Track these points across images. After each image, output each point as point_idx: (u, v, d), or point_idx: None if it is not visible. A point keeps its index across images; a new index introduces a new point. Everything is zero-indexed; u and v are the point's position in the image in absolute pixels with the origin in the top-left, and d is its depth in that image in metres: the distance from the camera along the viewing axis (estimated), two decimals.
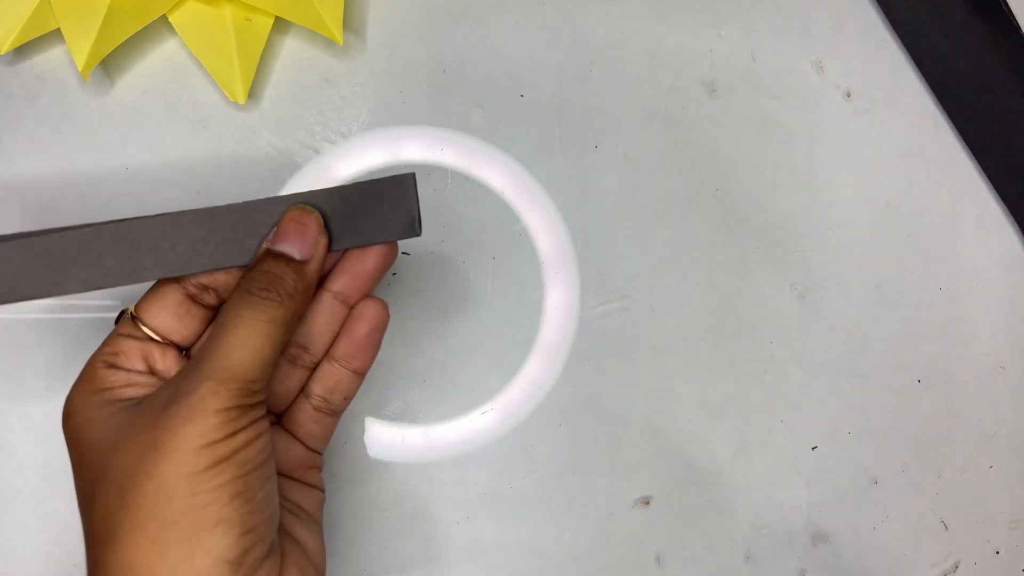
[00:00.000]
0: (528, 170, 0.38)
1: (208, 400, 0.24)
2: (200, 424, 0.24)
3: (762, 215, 0.39)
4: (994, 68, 0.40)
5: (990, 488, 0.39)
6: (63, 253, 0.27)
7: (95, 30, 0.34)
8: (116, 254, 0.27)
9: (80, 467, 0.26)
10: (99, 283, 0.27)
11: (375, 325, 0.30)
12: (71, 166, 0.37)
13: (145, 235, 0.27)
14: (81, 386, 0.27)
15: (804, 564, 0.38)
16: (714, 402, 0.38)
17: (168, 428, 0.24)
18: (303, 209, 0.28)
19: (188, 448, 0.24)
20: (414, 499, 0.37)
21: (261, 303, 0.26)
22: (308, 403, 0.31)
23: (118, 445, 0.25)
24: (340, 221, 0.29)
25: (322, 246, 0.28)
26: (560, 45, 0.39)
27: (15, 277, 0.26)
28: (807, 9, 0.40)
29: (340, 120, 0.38)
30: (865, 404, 0.39)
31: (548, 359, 0.38)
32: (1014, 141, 0.40)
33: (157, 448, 0.24)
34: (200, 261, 0.28)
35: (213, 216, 0.28)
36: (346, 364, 0.30)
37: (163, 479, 0.24)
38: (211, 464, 0.24)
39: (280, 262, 0.27)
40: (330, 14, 0.35)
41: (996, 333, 0.40)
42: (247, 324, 0.26)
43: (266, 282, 0.27)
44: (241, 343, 0.25)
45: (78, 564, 0.35)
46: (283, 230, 0.28)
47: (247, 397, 0.25)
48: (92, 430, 0.26)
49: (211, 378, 0.25)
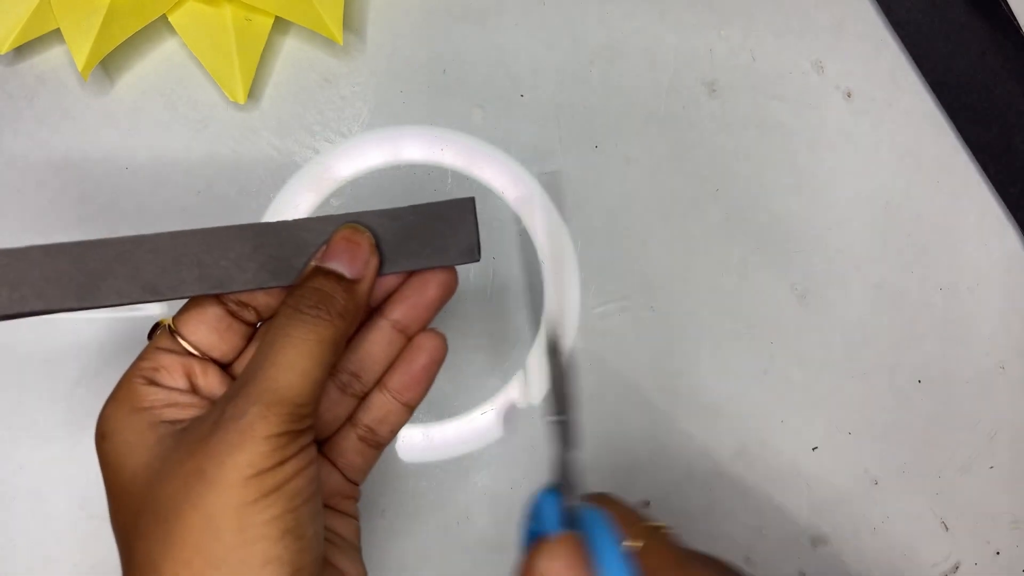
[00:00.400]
0: (528, 170, 0.38)
1: (257, 425, 0.23)
2: (249, 451, 0.23)
3: (762, 215, 0.39)
4: (994, 68, 0.40)
5: (990, 488, 0.39)
6: (99, 262, 0.25)
7: (95, 30, 0.34)
8: (156, 266, 0.25)
9: (120, 494, 0.24)
10: (136, 296, 0.25)
11: (434, 358, 0.29)
12: (71, 166, 0.37)
13: (188, 248, 0.26)
14: (119, 404, 0.25)
15: (804, 566, 0.38)
16: (714, 402, 0.38)
17: (215, 455, 0.23)
18: (354, 228, 0.27)
19: (237, 477, 0.22)
20: (414, 499, 0.37)
21: (311, 321, 0.25)
22: (354, 432, 0.29)
23: (162, 473, 0.23)
24: (393, 243, 0.27)
25: (373, 266, 0.27)
26: (560, 45, 0.39)
27: (46, 283, 0.25)
28: (807, 9, 0.40)
29: (340, 120, 0.38)
30: (865, 404, 0.39)
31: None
32: (1014, 141, 0.40)
33: (203, 477, 0.22)
34: (244, 278, 0.26)
35: (260, 232, 0.26)
36: (398, 396, 0.29)
37: (210, 511, 0.22)
38: (261, 495, 0.22)
39: (330, 280, 0.26)
40: (330, 14, 0.35)
41: (996, 333, 0.40)
42: (296, 344, 0.24)
43: (316, 299, 0.25)
44: (290, 365, 0.24)
45: (78, 564, 0.35)
46: (333, 248, 0.26)
47: (296, 422, 0.24)
48: (134, 456, 0.24)
49: (259, 402, 0.23)
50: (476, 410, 0.37)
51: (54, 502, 0.36)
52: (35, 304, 0.25)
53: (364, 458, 0.29)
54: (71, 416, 0.36)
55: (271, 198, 0.37)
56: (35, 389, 0.36)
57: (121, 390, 0.26)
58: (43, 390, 0.36)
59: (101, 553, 0.36)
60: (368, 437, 0.29)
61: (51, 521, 0.36)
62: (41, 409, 0.36)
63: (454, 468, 0.37)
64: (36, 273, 0.25)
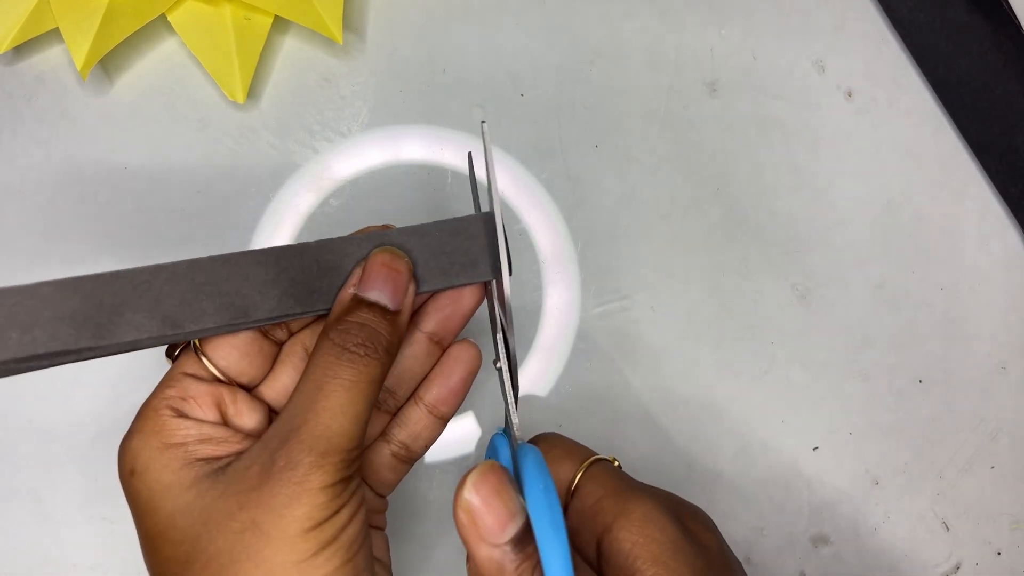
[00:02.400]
0: (528, 170, 0.38)
1: (312, 477, 0.22)
2: (306, 504, 0.22)
3: (763, 215, 0.39)
4: (995, 67, 0.40)
5: (992, 489, 0.39)
6: (115, 296, 0.23)
7: (94, 29, 0.34)
8: (175, 297, 0.24)
9: (158, 538, 0.23)
10: (155, 331, 0.24)
11: (471, 370, 0.28)
12: (70, 166, 0.37)
13: (207, 276, 0.24)
14: (147, 438, 0.24)
15: (805, 566, 0.38)
16: (715, 403, 0.38)
17: (271, 508, 0.22)
18: (393, 253, 0.25)
19: (295, 531, 0.22)
20: (414, 499, 0.37)
21: (360, 361, 0.23)
22: (387, 448, 0.28)
23: (211, 523, 0.22)
24: (422, 262, 0.26)
25: (412, 294, 0.25)
26: (560, 45, 0.39)
27: (59, 322, 0.23)
28: (808, 8, 0.40)
29: (340, 120, 0.38)
30: (866, 405, 0.39)
31: (548, 359, 0.37)
32: (1015, 140, 0.39)
33: (260, 531, 0.22)
34: (268, 305, 0.25)
35: (280, 256, 0.25)
36: (433, 409, 0.28)
37: (269, 567, 0.22)
38: (320, 547, 0.22)
39: (375, 312, 0.24)
40: (330, 13, 0.35)
41: (997, 333, 0.40)
42: (348, 388, 0.23)
43: (363, 337, 0.24)
44: (342, 410, 0.23)
45: (77, 564, 0.35)
46: (373, 275, 0.25)
47: (349, 468, 0.23)
48: (170, 497, 0.23)
49: (313, 451, 0.22)
50: (476, 410, 0.37)
51: (54, 502, 0.35)
52: (49, 345, 0.23)
53: (396, 474, 0.29)
54: (70, 415, 0.36)
55: (270, 198, 0.37)
56: (34, 388, 0.36)
57: (148, 421, 0.24)
58: (42, 389, 0.36)
59: (101, 554, 0.36)
60: (402, 454, 0.29)
61: (51, 521, 0.35)
62: (41, 409, 0.36)
63: (454, 468, 0.37)
64: (47, 312, 0.23)
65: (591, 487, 0.26)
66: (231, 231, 0.37)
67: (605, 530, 0.25)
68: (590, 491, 0.26)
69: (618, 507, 0.25)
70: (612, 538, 0.24)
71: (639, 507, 0.24)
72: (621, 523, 0.24)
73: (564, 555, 0.21)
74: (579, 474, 0.26)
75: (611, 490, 0.25)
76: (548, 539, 0.21)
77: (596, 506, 0.25)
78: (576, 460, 0.27)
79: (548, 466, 0.26)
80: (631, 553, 0.24)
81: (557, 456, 0.27)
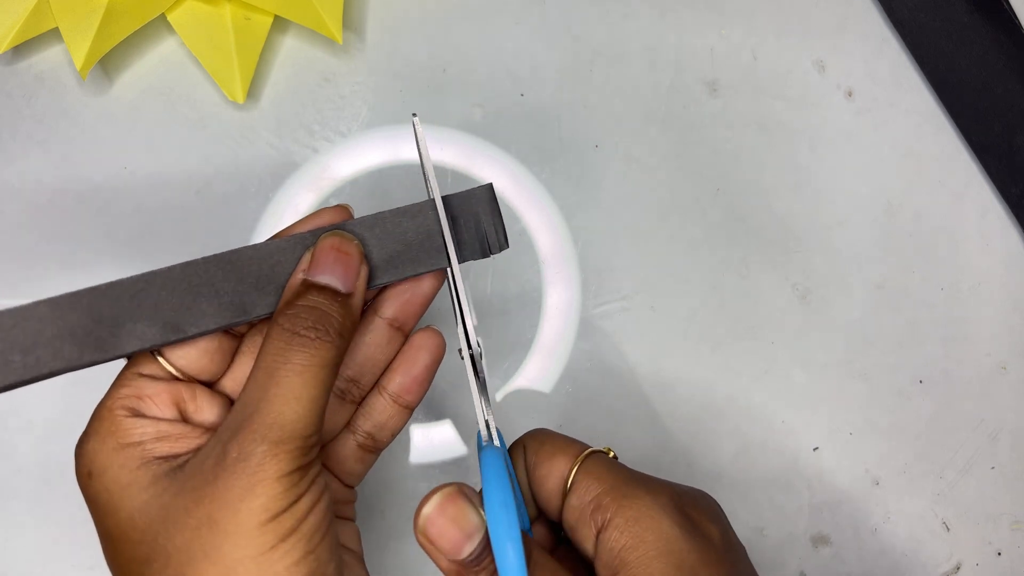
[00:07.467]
0: (528, 170, 0.38)
1: (267, 466, 0.21)
2: (262, 495, 0.21)
3: (763, 215, 0.39)
4: (996, 67, 0.39)
5: (992, 489, 0.39)
6: (114, 307, 0.23)
7: (93, 29, 0.34)
8: (174, 301, 0.24)
9: (119, 539, 0.23)
10: (159, 338, 0.23)
11: (435, 358, 0.28)
12: (70, 166, 0.37)
13: (203, 277, 0.24)
14: (103, 438, 0.24)
15: (805, 566, 0.38)
16: (715, 403, 0.38)
17: (227, 502, 0.21)
18: (342, 236, 0.25)
19: (252, 524, 0.21)
20: (414, 500, 0.37)
21: (311, 344, 0.23)
22: (352, 439, 0.28)
23: (168, 520, 0.22)
24: (378, 251, 0.26)
25: (364, 276, 0.25)
26: (560, 45, 0.39)
27: (61, 340, 0.23)
28: (808, 8, 0.40)
29: (339, 119, 0.38)
30: (866, 405, 0.39)
31: (548, 359, 0.37)
32: (1016, 141, 0.39)
33: (216, 526, 0.21)
34: (267, 301, 0.24)
35: (275, 251, 0.25)
36: (398, 399, 0.28)
37: (227, 563, 0.21)
38: (279, 540, 0.21)
39: (325, 295, 0.24)
40: (330, 13, 0.35)
41: (998, 333, 0.39)
42: (299, 372, 0.22)
43: (313, 319, 0.23)
44: (295, 396, 0.22)
45: (76, 564, 0.35)
46: (322, 259, 0.24)
47: (306, 455, 0.22)
48: (128, 497, 0.23)
49: (266, 440, 0.22)
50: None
51: (53, 503, 0.35)
52: (52, 365, 0.23)
53: (363, 464, 0.29)
54: (71, 416, 0.36)
55: (270, 197, 0.37)
56: (34, 388, 0.36)
57: (103, 423, 0.24)
58: (42, 389, 0.36)
59: (101, 553, 0.35)
60: (368, 444, 0.28)
61: (50, 522, 0.35)
62: (40, 409, 0.36)
63: (454, 468, 0.37)
64: (48, 331, 0.23)
65: (587, 482, 0.25)
66: (231, 231, 0.37)
67: (602, 527, 0.25)
68: (587, 487, 0.25)
69: (614, 504, 0.25)
70: (604, 537, 0.24)
71: (633, 505, 0.24)
72: (615, 522, 0.24)
73: (518, 570, 0.22)
74: (574, 469, 0.26)
75: (608, 486, 0.25)
76: (503, 554, 0.22)
77: (593, 502, 0.25)
78: (570, 455, 0.26)
79: (541, 464, 0.26)
80: (619, 555, 0.24)
81: (549, 453, 0.27)
